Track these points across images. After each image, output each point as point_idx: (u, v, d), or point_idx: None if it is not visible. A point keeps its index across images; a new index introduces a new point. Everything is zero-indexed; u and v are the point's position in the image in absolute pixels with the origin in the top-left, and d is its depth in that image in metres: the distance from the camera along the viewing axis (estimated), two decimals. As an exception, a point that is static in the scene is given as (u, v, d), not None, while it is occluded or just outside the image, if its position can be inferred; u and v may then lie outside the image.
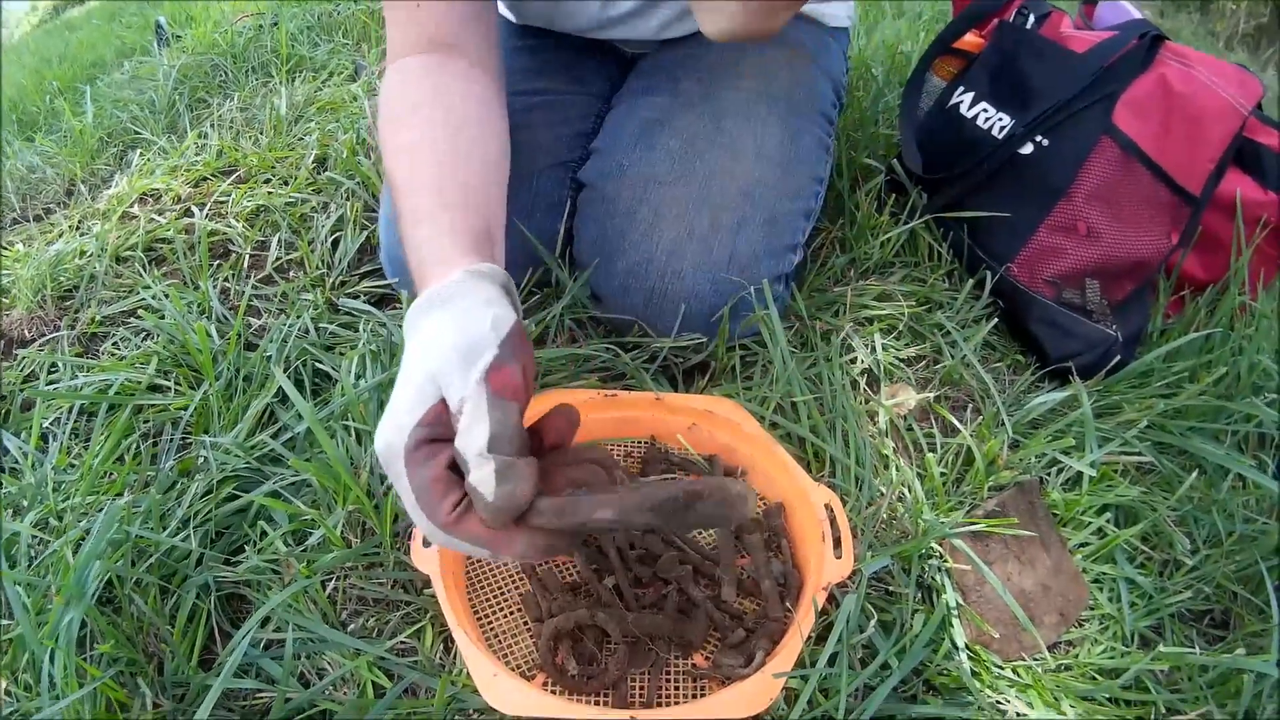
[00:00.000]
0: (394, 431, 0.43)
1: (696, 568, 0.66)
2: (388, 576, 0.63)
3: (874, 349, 0.85)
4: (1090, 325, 0.89)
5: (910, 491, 0.71)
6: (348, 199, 1.00)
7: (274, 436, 0.71)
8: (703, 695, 0.60)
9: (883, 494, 0.71)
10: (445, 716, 0.56)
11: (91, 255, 0.94)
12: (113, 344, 0.84)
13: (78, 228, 1.04)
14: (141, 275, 0.88)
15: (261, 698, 0.57)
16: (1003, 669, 0.64)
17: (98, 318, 0.84)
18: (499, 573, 0.66)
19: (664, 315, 0.78)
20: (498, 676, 0.53)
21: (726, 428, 0.74)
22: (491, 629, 0.62)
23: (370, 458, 0.67)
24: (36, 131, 1.62)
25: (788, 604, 0.63)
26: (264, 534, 0.64)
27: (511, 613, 0.64)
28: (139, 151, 1.22)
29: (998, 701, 0.61)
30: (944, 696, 0.61)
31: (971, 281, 0.95)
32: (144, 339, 0.83)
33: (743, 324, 0.80)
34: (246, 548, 0.64)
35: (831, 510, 0.66)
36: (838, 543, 0.64)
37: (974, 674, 0.62)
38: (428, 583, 0.61)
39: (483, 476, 0.41)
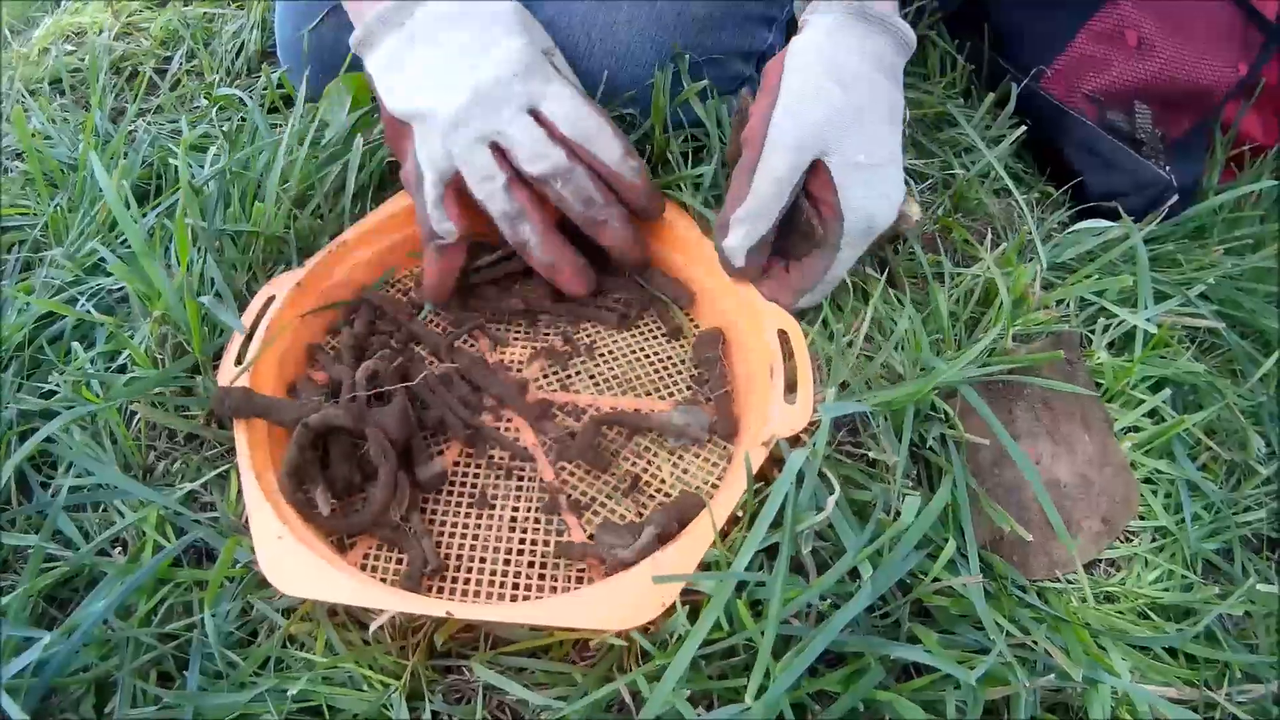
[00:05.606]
0: None
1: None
2: (201, 407, 0.48)
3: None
4: (1139, 160, 0.68)
5: (910, 321, 0.46)
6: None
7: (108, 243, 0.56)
8: (578, 585, 0.38)
9: (860, 318, 0.46)
10: (234, 591, 0.40)
11: (-3, 95, 0.85)
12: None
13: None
14: (43, 108, 0.78)
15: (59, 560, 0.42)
16: (1025, 593, 0.41)
17: (-12, 153, 0.76)
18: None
19: (584, 79, 0.58)
20: (284, 539, 0.37)
21: (657, 231, 0.53)
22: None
23: (200, 264, 0.52)
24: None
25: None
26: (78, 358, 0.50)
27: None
28: (67, -10, 1.11)
29: (1021, 643, 0.38)
30: (940, 629, 0.38)
31: (992, 96, 0.70)
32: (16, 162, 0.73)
33: (681, 98, 0.58)
34: (55, 374, 0.50)
35: (785, 337, 0.42)
36: (792, 387, 0.40)
37: (988, 597, 0.39)
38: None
39: None
